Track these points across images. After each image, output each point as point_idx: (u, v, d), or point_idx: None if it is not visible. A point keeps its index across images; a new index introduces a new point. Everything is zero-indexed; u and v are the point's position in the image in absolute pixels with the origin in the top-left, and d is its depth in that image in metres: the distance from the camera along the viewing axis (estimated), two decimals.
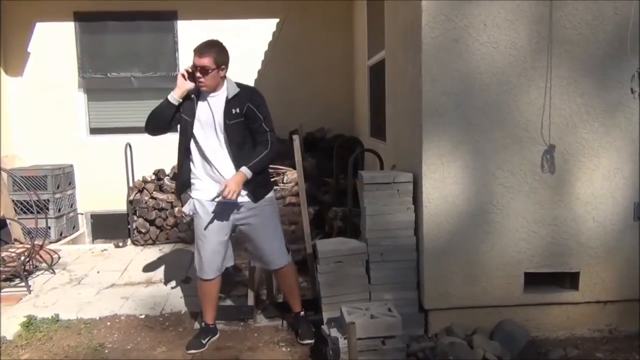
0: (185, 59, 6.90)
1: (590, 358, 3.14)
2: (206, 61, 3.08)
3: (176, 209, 5.91)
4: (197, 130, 3.22)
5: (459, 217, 3.31)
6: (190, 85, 3.18)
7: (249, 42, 6.94)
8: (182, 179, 3.34)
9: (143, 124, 3.32)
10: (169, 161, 6.20)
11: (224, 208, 3.25)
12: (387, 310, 3.06)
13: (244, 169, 3.12)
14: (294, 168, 4.02)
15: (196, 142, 3.24)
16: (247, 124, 3.18)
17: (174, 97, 3.19)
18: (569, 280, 3.42)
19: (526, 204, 3.30)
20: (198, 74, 3.11)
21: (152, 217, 5.93)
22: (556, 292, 3.42)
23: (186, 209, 3.36)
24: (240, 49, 6.87)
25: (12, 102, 6.91)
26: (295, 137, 3.89)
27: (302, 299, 3.60)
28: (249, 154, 3.19)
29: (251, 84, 6.84)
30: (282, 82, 7.06)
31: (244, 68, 6.79)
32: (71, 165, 6.78)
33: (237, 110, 3.15)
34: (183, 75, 3.19)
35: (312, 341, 3.39)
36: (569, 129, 3.26)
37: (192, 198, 3.31)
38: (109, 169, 6.79)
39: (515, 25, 3.18)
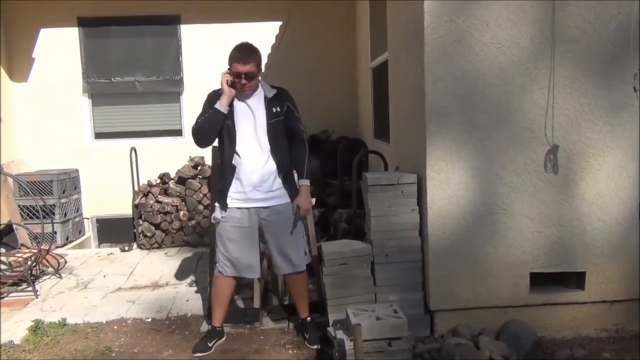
0: (189, 63, 6.94)
1: (597, 358, 3.13)
2: (250, 67, 3.16)
3: (181, 213, 5.93)
4: (237, 133, 3.26)
5: (463, 218, 3.31)
6: (234, 91, 3.23)
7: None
8: (221, 185, 3.34)
9: (148, 128, 3.35)
10: (173, 165, 6.24)
11: (253, 211, 3.30)
12: (393, 312, 3.05)
13: (303, 181, 3.31)
14: None
15: (236, 145, 3.26)
16: (285, 123, 3.30)
17: (223, 104, 3.22)
18: (575, 280, 3.42)
19: (531, 204, 3.30)
20: (244, 81, 3.16)
21: (157, 220, 5.95)
22: (562, 292, 3.42)
23: (218, 214, 3.34)
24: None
25: (17, 108, 6.95)
26: None
27: (308, 300, 3.60)
28: (288, 154, 3.33)
29: None
30: (285, 84, 6.92)
31: None
32: (76, 170, 6.80)
33: (278, 109, 3.28)
34: (227, 82, 3.21)
35: (319, 346, 3.40)
36: (573, 129, 3.26)
37: (220, 204, 3.33)
38: (114, 173, 6.81)
39: (518, 26, 3.18)
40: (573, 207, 3.31)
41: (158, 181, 6.25)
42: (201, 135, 3.28)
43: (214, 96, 3.29)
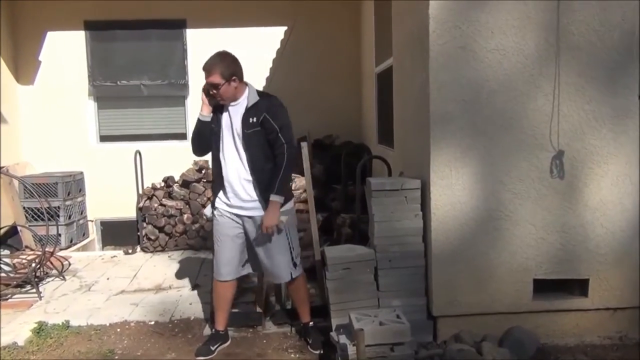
0: (194, 67, 6.96)
1: None
2: (214, 78, 3.13)
3: (185, 216, 5.94)
4: (220, 140, 3.28)
5: (467, 224, 3.31)
6: (214, 101, 3.25)
7: (257, 50, 6.98)
8: (215, 188, 3.38)
9: (152, 131, 3.39)
10: (178, 168, 6.26)
11: (239, 216, 3.30)
12: (396, 317, 3.06)
13: (272, 197, 3.14)
14: (303, 175, 4.03)
15: (220, 151, 3.29)
16: (264, 134, 3.19)
17: (202, 114, 3.28)
18: (578, 287, 3.41)
19: (534, 210, 3.30)
20: (213, 90, 3.17)
21: (161, 224, 5.96)
22: (565, 299, 3.41)
23: (207, 212, 3.43)
24: (249, 57, 6.89)
25: (23, 110, 6.99)
26: (304, 144, 3.91)
27: (311, 305, 3.60)
28: (268, 166, 3.20)
29: None
30: (290, 89, 7.07)
31: (253, 75, 6.76)
32: (81, 173, 6.83)
33: (255, 119, 3.17)
34: (204, 92, 3.24)
35: (321, 351, 3.40)
36: (577, 136, 3.26)
37: (214, 203, 3.38)
38: (118, 176, 6.84)
39: (522, 32, 3.20)
40: (576, 214, 3.31)
41: (162, 184, 6.27)
42: (193, 145, 3.39)
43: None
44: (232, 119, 3.23)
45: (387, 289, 3.42)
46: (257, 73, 6.97)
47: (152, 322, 3.92)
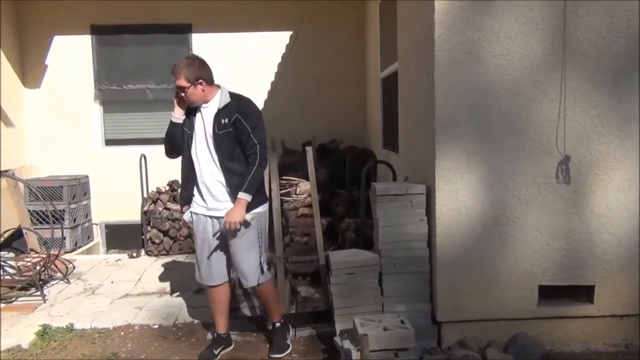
0: None
1: None
2: (180, 82, 3.17)
3: None
4: (193, 141, 3.29)
5: (472, 229, 3.30)
6: (185, 104, 3.27)
7: (262, 55, 7.01)
8: (186, 192, 3.37)
9: (158, 135, 3.40)
10: None
11: (217, 217, 3.29)
12: (400, 322, 3.05)
13: (241, 194, 3.14)
14: (307, 179, 4.03)
15: (192, 154, 3.30)
16: (236, 135, 3.19)
17: (175, 116, 3.30)
18: (584, 293, 3.39)
19: (540, 216, 3.29)
20: (181, 94, 3.20)
21: (165, 227, 5.97)
22: (571, 305, 3.39)
23: (186, 217, 3.42)
24: (254, 61, 6.96)
25: (29, 113, 7.02)
26: (308, 149, 3.91)
27: (315, 310, 3.59)
28: (240, 167, 3.20)
29: (264, 95, 6.93)
30: (295, 93, 7.11)
31: (258, 80, 6.85)
32: (86, 176, 6.86)
33: (226, 120, 3.18)
34: (176, 95, 3.26)
35: (281, 356, 3.38)
36: (583, 141, 3.25)
37: (189, 209, 3.37)
38: (123, 179, 6.86)
39: (528, 38, 3.19)
40: (582, 220, 3.30)
41: (167, 188, 6.29)
42: (165, 148, 3.40)
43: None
44: (205, 121, 3.25)
45: (391, 294, 3.41)
46: (262, 77, 7.00)
47: (156, 326, 3.92)
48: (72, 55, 6.99)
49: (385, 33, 5.47)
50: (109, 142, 7.26)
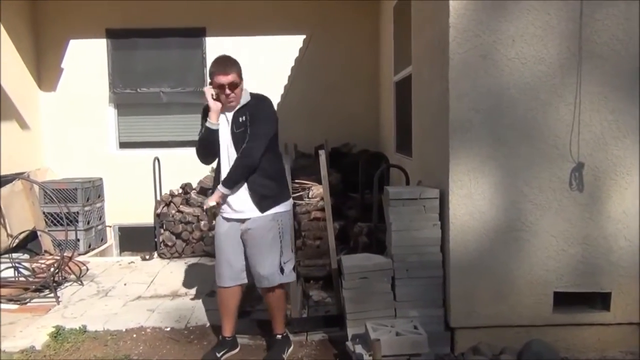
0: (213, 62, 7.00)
1: None
2: (232, 77, 3.15)
3: (202, 223, 5.96)
4: (220, 143, 3.30)
5: (486, 234, 3.27)
6: (220, 105, 3.24)
7: (276, 58, 7.03)
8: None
9: (171, 138, 3.40)
10: (195, 175, 6.30)
11: (234, 220, 3.32)
12: (413, 328, 3.02)
13: (219, 186, 3.22)
14: (320, 183, 4.02)
15: (221, 155, 3.32)
16: (246, 134, 3.21)
17: (212, 122, 3.24)
18: (600, 300, 3.34)
19: (555, 221, 3.25)
20: (227, 91, 3.16)
21: (178, 230, 5.99)
22: (587, 312, 3.34)
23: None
24: (268, 65, 6.98)
25: (45, 117, 7.10)
26: (322, 152, 3.90)
27: (327, 314, 3.57)
28: (262, 164, 3.21)
29: (277, 99, 6.95)
30: (308, 97, 7.11)
31: (271, 83, 6.86)
32: (100, 179, 6.90)
33: (243, 118, 3.22)
34: (212, 97, 3.22)
35: None
36: (600, 146, 3.21)
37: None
38: (137, 182, 6.90)
39: (544, 41, 3.16)
40: (599, 226, 3.25)
41: (180, 191, 6.31)
42: (200, 154, 3.36)
43: (206, 110, 3.33)
44: (228, 121, 3.27)
45: (404, 299, 3.39)
46: (275, 81, 7.01)
47: (168, 329, 3.93)
48: (87, 59, 7.06)
49: (399, 36, 5.46)
50: (123, 145, 7.31)
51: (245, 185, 3.24)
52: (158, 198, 6.32)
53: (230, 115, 3.27)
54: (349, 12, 7.08)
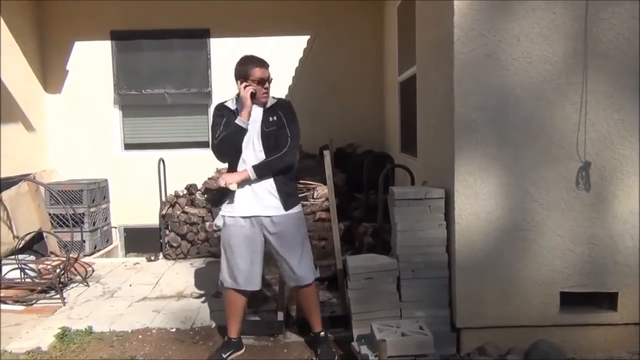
0: (218, 76, 7.03)
1: None
2: (269, 71, 3.26)
3: (207, 224, 5.97)
4: (243, 142, 3.27)
5: (492, 234, 3.26)
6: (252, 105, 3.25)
7: (280, 59, 7.01)
8: (231, 194, 3.32)
9: (176, 139, 3.40)
10: (200, 176, 6.30)
11: (255, 221, 3.28)
12: (419, 328, 3.02)
13: (249, 168, 3.20)
14: (325, 183, 4.02)
15: (241, 154, 3.28)
16: (277, 132, 3.25)
17: (245, 120, 3.20)
18: (607, 300, 3.32)
19: (562, 221, 3.24)
20: (267, 85, 3.24)
21: (183, 231, 5.99)
22: (593, 312, 3.33)
23: (219, 222, 3.38)
24: (272, 65, 6.93)
25: (50, 119, 7.12)
26: (326, 153, 3.90)
27: (332, 315, 3.57)
28: None
29: None
30: (312, 97, 7.11)
31: (275, 84, 6.81)
32: (106, 180, 6.91)
33: (274, 118, 3.26)
34: (250, 97, 3.20)
35: None
36: (606, 145, 3.19)
37: (222, 211, 3.36)
38: (142, 183, 6.92)
39: (549, 41, 3.15)
40: (605, 226, 3.24)
41: (185, 192, 6.31)
42: (226, 151, 3.27)
43: (222, 109, 3.32)
44: (254, 119, 3.27)
45: (409, 299, 3.38)
46: (280, 81, 6.93)
47: (174, 330, 3.93)
48: (92, 61, 7.08)
49: (404, 36, 5.45)
50: (128, 146, 7.32)
51: (272, 183, 3.24)
52: (163, 199, 6.33)
53: (255, 113, 3.27)
54: (352, 13, 7.08)
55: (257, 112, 3.28)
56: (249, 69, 3.21)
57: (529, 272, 3.27)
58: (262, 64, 3.24)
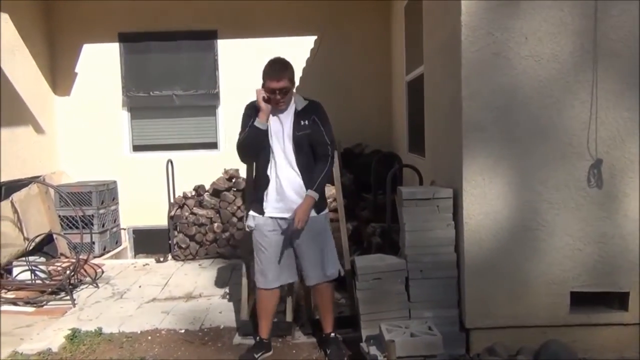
0: (226, 77, 7.04)
1: None
2: (284, 83, 3.20)
3: (215, 225, 5.98)
4: (271, 144, 3.30)
5: (501, 234, 3.24)
6: (270, 107, 3.27)
7: (287, 59, 7.01)
8: (259, 194, 3.37)
9: (184, 141, 3.41)
10: (208, 177, 6.31)
11: (284, 222, 3.31)
12: (428, 329, 3.00)
13: (310, 192, 3.22)
14: (332, 184, 4.01)
15: (270, 157, 3.31)
16: (312, 136, 3.26)
17: (262, 121, 3.25)
18: (618, 300, 3.29)
19: (571, 220, 3.21)
20: (278, 96, 3.20)
21: (192, 232, 6.01)
22: (604, 312, 3.30)
23: (251, 222, 3.39)
24: None
25: (60, 121, 7.16)
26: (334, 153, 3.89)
27: (340, 315, 3.56)
28: (313, 167, 3.28)
29: None
30: (319, 97, 6.97)
31: None
32: (115, 182, 6.95)
33: (306, 122, 3.27)
34: (264, 99, 3.24)
35: None
36: (616, 144, 3.16)
37: (253, 212, 3.38)
38: (150, 185, 6.94)
39: (558, 39, 3.13)
40: (616, 225, 3.21)
41: (193, 193, 6.33)
42: (245, 151, 3.36)
43: (251, 108, 3.34)
44: (283, 123, 3.28)
45: (418, 299, 3.37)
46: None
47: (183, 331, 3.94)
48: (100, 63, 7.12)
49: (411, 36, 5.43)
50: (137, 148, 7.35)
51: (302, 185, 3.26)
52: (171, 200, 6.35)
53: (286, 117, 3.29)
54: (359, 12, 7.07)
55: (288, 114, 3.29)
56: (265, 77, 3.23)
57: (539, 272, 3.25)
58: (277, 75, 3.19)
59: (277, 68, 3.23)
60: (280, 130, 3.28)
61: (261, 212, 3.34)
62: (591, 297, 3.28)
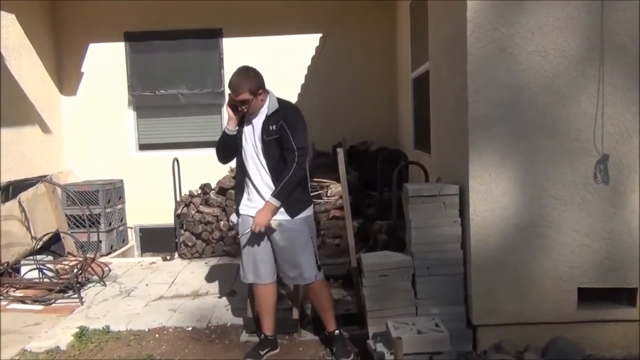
0: (231, 75, 7.03)
1: None
2: (243, 96, 3.18)
3: (222, 223, 5.99)
4: (243, 147, 3.35)
5: (507, 231, 3.23)
6: (239, 114, 3.29)
7: (292, 57, 7.03)
8: (239, 196, 3.45)
9: (190, 139, 3.44)
10: (214, 176, 6.32)
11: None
12: (435, 326, 3.00)
13: (270, 198, 3.21)
14: (338, 181, 4.01)
15: (244, 159, 3.37)
16: (280, 141, 3.23)
17: (229, 128, 3.33)
18: (626, 296, 3.28)
19: (578, 216, 3.19)
20: (240, 108, 3.23)
21: (198, 230, 6.02)
22: (612, 308, 3.28)
23: (233, 218, 3.52)
24: (284, 64, 6.98)
25: (66, 120, 7.20)
26: (339, 150, 3.89)
27: (347, 312, 3.56)
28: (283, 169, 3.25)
29: (294, 98, 6.95)
30: (325, 95, 7.11)
31: (288, 82, 6.86)
32: (121, 180, 6.96)
33: (274, 127, 3.23)
34: (230, 108, 3.29)
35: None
36: (624, 139, 3.14)
37: (236, 208, 3.46)
38: (157, 183, 6.96)
39: (564, 34, 3.11)
40: (623, 220, 3.19)
41: (199, 191, 6.34)
42: (218, 154, 3.48)
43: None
44: (254, 127, 3.30)
45: (425, 296, 3.36)
46: (292, 80, 7.01)
47: (190, 328, 3.95)
48: (106, 62, 7.14)
49: (416, 33, 5.42)
50: (143, 146, 7.37)
51: (272, 187, 3.27)
52: (178, 199, 6.37)
53: (257, 121, 3.29)
54: (364, 10, 7.06)
55: (259, 119, 3.29)
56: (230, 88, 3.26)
57: (546, 268, 3.24)
58: (235, 90, 3.18)
59: (236, 80, 3.20)
60: (252, 135, 3.30)
61: (237, 212, 3.43)
62: (599, 294, 3.27)
